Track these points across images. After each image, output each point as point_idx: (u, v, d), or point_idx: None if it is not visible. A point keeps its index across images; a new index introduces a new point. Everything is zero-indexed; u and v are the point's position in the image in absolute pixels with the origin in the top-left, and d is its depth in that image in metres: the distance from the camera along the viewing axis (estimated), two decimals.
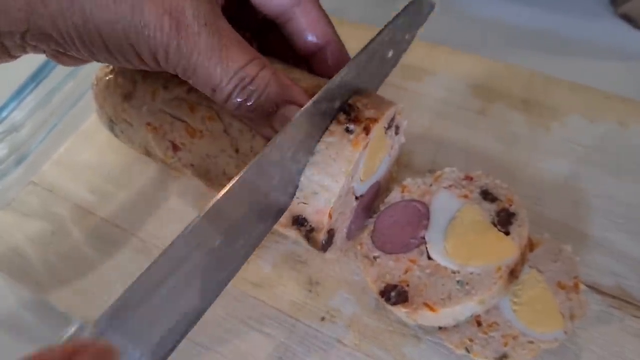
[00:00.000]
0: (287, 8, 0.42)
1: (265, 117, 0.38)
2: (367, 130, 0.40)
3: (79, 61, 0.40)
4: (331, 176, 0.39)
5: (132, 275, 0.48)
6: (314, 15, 0.43)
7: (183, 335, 0.35)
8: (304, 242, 0.43)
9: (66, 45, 0.35)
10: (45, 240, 0.52)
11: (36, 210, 0.54)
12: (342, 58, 0.45)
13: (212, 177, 0.47)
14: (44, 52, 0.37)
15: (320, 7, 0.44)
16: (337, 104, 0.41)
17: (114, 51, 0.35)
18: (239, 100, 0.37)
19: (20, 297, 0.51)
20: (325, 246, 0.43)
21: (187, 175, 0.49)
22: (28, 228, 0.53)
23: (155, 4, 0.33)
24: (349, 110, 0.41)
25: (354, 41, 0.65)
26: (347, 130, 0.40)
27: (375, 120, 0.41)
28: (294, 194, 0.41)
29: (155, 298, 0.32)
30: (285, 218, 0.42)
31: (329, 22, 0.44)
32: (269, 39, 0.47)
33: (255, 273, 0.48)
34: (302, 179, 0.40)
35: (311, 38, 0.43)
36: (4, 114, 0.56)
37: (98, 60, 0.37)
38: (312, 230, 0.42)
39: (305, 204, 0.40)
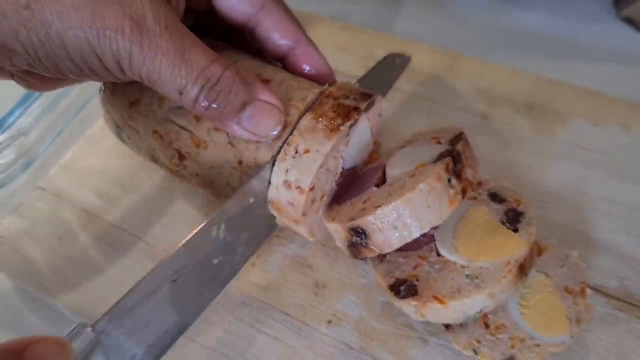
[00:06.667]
0: (252, 14, 0.43)
1: (234, 116, 0.39)
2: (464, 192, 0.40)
3: (47, 82, 0.40)
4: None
5: (138, 279, 0.49)
6: (279, 16, 0.43)
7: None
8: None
9: (30, 59, 0.35)
10: (53, 244, 0.52)
11: (43, 214, 0.54)
12: (313, 55, 0.45)
13: (216, 188, 0.47)
14: (12, 75, 0.37)
15: (284, 7, 0.44)
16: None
17: (77, 60, 0.35)
18: (206, 102, 0.37)
19: (27, 301, 0.51)
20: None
21: (193, 183, 0.49)
22: (35, 232, 0.53)
23: (115, 9, 0.33)
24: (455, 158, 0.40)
25: (358, 45, 0.65)
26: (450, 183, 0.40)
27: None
28: None
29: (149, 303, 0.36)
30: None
31: (296, 22, 0.45)
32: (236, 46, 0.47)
33: (262, 276, 0.48)
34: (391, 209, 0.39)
35: (280, 39, 0.44)
36: (11, 119, 0.56)
37: (64, 75, 0.37)
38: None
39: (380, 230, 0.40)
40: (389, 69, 0.58)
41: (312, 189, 0.41)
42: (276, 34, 0.44)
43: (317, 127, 0.41)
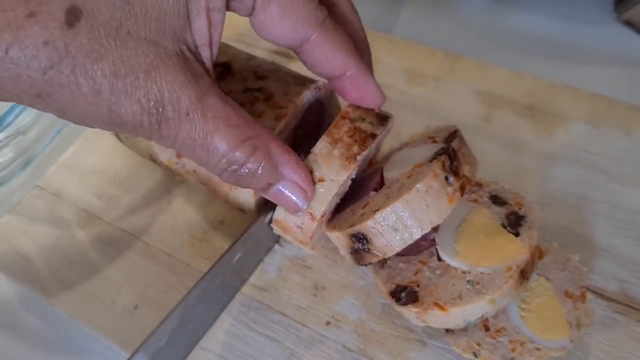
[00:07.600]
0: (298, 42, 0.38)
1: (260, 192, 0.38)
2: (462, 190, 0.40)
3: None
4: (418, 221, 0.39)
5: (137, 279, 0.49)
6: (328, 46, 0.38)
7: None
8: None
9: None
10: (51, 244, 0.52)
11: (42, 214, 0.54)
12: (362, 85, 0.40)
13: (214, 184, 0.47)
14: None
15: (339, 32, 0.38)
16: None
17: (101, 128, 0.34)
18: (231, 180, 0.36)
19: (25, 301, 0.51)
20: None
21: (191, 181, 0.49)
22: (34, 232, 0.53)
23: (132, 103, 0.31)
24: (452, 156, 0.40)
25: None
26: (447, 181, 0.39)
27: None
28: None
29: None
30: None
31: (349, 49, 0.39)
32: None
33: (261, 277, 0.48)
34: (390, 212, 0.38)
35: (325, 70, 0.39)
36: (10, 117, 0.56)
37: None
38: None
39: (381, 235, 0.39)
40: None
41: (323, 215, 0.41)
42: (322, 64, 0.39)
43: (332, 154, 0.40)
